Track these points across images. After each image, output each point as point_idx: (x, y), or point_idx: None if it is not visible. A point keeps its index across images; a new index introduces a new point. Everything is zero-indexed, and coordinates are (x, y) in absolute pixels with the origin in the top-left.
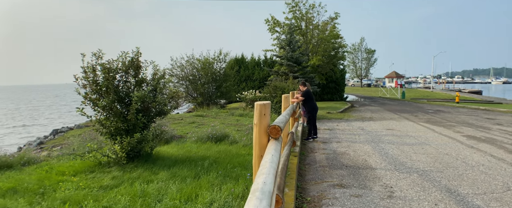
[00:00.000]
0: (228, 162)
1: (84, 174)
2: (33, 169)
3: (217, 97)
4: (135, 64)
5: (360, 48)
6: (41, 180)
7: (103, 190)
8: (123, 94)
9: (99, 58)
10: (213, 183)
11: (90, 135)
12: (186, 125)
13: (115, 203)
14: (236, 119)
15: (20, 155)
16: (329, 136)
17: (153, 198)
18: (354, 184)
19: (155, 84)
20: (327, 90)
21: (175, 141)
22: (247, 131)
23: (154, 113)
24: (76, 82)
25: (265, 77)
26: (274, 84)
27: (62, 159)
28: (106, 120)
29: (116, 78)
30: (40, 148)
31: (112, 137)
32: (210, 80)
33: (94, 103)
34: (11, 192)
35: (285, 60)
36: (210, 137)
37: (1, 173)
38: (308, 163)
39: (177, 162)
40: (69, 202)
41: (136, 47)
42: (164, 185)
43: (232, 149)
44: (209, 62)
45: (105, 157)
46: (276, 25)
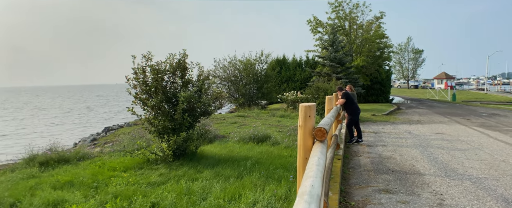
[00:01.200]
0: (270, 163)
1: (133, 170)
2: (87, 164)
3: (258, 98)
4: (182, 65)
5: (406, 48)
6: (94, 175)
7: (151, 186)
8: (171, 94)
9: (148, 60)
10: (256, 184)
11: (139, 133)
12: (228, 125)
13: (162, 199)
14: (277, 120)
15: (76, 151)
16: (374, 139)
17: (198, 196)
18: (401, 190)
19: (200, 85)
20: (371, 91)
21: (218, 141)
22: (288, 132)
23: (199, 113)
24: (127, 82)
25: (307, 78)
26: (317, 85)
27: (113, 156)
28: (155, 119)
29: (164, 79)
30: (93, 145)
31: (160, 136)
32: (251, 81)
33: (143, 103)
34: (68, 185)
35: (328, 60)
36: (252, 137)
37: (60, 167)
38: (352, 167)
39: (220, 162)
40: (120, 197)
41: (183, 49)
42: (208, 184)
43: (274, 150)
44: (251, 63)
45: (153, 155)
46: (319, 26)
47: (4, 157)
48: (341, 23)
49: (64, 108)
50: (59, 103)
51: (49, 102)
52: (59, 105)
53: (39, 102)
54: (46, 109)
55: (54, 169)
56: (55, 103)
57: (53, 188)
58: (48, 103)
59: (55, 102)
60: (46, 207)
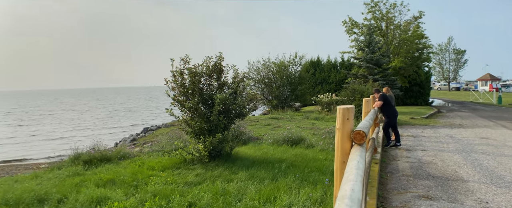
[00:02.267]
0: (305, 166)
1: (171, 170)
2: (128, 163)
3: (292, 100)
4: (218, 68)
5: (447, 48)
6: (134, 174)
7: (188, 186)
8: (207, 96)
9: (186, 63)
10: (290, 186)
11: (176, 133)
12: (262, 127)
13: (199, 199)
14: (312, 123)
15: (117, 150)
16: (413, 143)
17: (233, 197)
18: (443, 196)
19: (235, 87)
20: (410, 94)
21: (252, 143)
22: (323, 135)
23: (233, 115)
24: (166, 84)
25: (342, 80)
26: (353, 87)
27: (152, 155)
28: (192, 120)
29: (201, 81)
30: (133, 145)
31: (196, 136)
32: (285, 83)
33: (181, 104)
34: (110, 183)
35: (364, 62)
36: (286, 140)
37: (102, 165)
38: (390, 171)
39: (254, 163)
40: (159, 195)
41: (219, 52)
42: (243, 185)
43: (308, 153)
44: (285, 65)
45: (189, 155)
46: (354, 26)
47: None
48: (377, 24)
49: (106, 109)
50: (102, 104)
51: (93, 103)
52: (101, 106)
53: (84, 104)
54: (90, 110)
55: (97, 168)
56: (99, 104)
57: (96, 185)
58: (92, 105)
59: (99, 103)
60: (90, 203)
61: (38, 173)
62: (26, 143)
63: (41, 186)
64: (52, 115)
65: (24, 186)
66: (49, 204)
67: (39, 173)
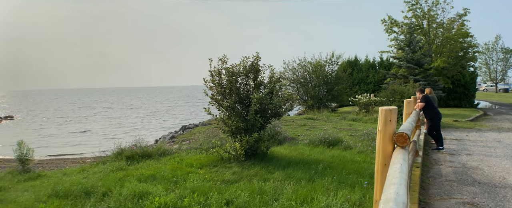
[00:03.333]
0: (342, 168)
1: (208, 168)
2: (167, 159)
3: (328, 100)
4: (255, 68)
5: (495, 47)
6: (173, 170)
7: (225, 184)
8: (244, 95)
9: (224, 63)
10: (328, 188)
11: (213, 132)
12: (297, 127)
13: (236, 197)
14: (349, 124)
15: (157, 147)
16: (457, 147)
17: (270, 197)
18: (490, 204)
19: (271, 87)
20: (453, 95)
21: (288, 143)
22: (361, 137)
23: (269, 114)
24: (205, 84)
25: (381, 80)
26: (392, 88)
27: (190, 153)
28: (229, 119)
29: (238, 81)
30: (172, 142)
31: (233, 135)
32: (321, 83)
33: (219, 103)
34: (151, 179)
35: (404, 62)
36: (323, 140)
37: (143, 161)
38: (432, 176)
39: (290, 164)
40: (197, 192)
41: (256, 52)
42: (280, 185)
43: (346, 154)
44: (321, 65)
45: (226, 153)
46: (394, 25)
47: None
48: (418, 22)
49: (146, 108)
50: (142, 103)
51: (134, 102)
52: (141, 104)
53: (124, 102)
54: (133, 108)
55: (139, 163)
56: (139, 103)
57: (138, 180)
58: (132, 103)
59: (139, 102)
60: (133, 197)
61: (84, 167)
62: (72, 138)
63: (87, 180)
64: (95, 115)
65: (72, 179)
66: (95, 196)
67: (85, 167)
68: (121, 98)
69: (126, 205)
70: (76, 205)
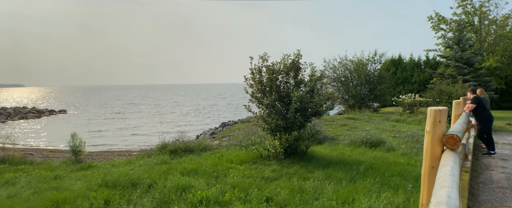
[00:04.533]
0: (385, 170)
1: (248, 164)
2: (208, 155)
3: (370, 100)
4: (296, 65)
5: None
6: (214, 165)
7: (264, 181)
8: (284, 93)
9: (265, 61)
10: (370, 190)
11: (252, 129)
12: (337, 127)
13: (276, 194)
14: (392, 125)
15: (199, 142)
16: (510, 152)
17: (310, 196)
18: None
19: (312, 85)
20: (507, 97)
21: (328, 142)
22: (405, 138)
23: (310, 113)
24: (245, 81)
25: (426, 79)
26: (439, 88)
27: (230, 149)
28: (268, 117)
29: (278, 79)
30: (212, 138)
31: (273, 133)
32: (363, 82)
33: (259, 101)
34: (193, 173)
35: (453, 61)
36: (364, 141)
37: (186, 155)
38: (482, 182)
39: (331, 163)
40: (238, 188)
41: (297, 49)
42: (320, 184)
43: (389, 156)
44: (363, 63)
45: (265, 151)
46: (441, 22)
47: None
48: (468, 19)
49: (188, 104)
50: (184, 100)
51: (176, 99)
52: (183, 101)
53: (168, 99)
54: (176, 105)
55: (181, 157)
56: (181, 99)
57: (181, 174)
58: (177, 100)
59: (181, 99)
60: (176, 190)
61: (130, 160)
62: (119, 132)
63: (133, 171)
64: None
65: (119, 170)
66: (141, 188)
67: (131, 160)
68: (166, 95)
69: (170, 197)
70: (123, 195)
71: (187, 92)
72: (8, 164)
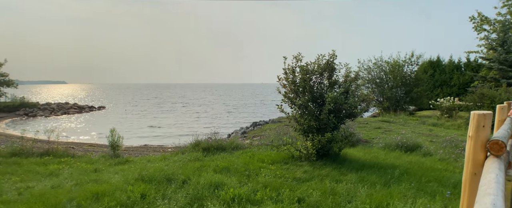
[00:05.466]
0: (421, 175)
1: (279, 164)
2: (240, 153)
3: (406, 103)
4: (330, 66)
5: None
6: (246, 164)
7: (296, 181)
8: (317, 94)
9: (298, 61)
10: (405, 195)
11: (283, 129)
12: (371, 129)
13: (308, 195)
14: (429, 129)
15: (230, 141)
16: None
17: (343, 198)
18: None
19: (347, 86)
20: None
21: (361, 145)
22: (443, 143)
23: (344, 115)
24: (278, 81)
25: (467, 83)
26: (481, 92)
27: (261, 148)
28: (301, 118)
29: (312, 79)
30: (243, 137)
31: (305, 134)
32: (399, 84)
33: (291, 102)
34: (225, 170)
35: (496, 63)
36: (400, 145)
37: (218, 153)
38: None
39: (364, 166)
40: (269, 187)
41: (332, 50)
42: (353, 187)
43: (425, 161)
44: (399, 65)
45: (297, 152)
46: (484, 23)
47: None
48: None
49: (220, 103)
50: (215, 99)
51: (209, 98)
52: (215, 100)
53: (200, 98)
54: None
55: (214, 155)
56: (213, 99)
57: (214, 171)
58: (209, 98)
59: (213, 98)
60: (209, 187)
61: (165, 156)
62: (154, 128)
63: (168, 167)
64: (175, 110)
65: (155, 165)
66: (175, 183)
67: (166, 156)
68: (199, 94)
69: (203, 194)
70: (159, 190)
71: (219, 91)
72: (52, 156)
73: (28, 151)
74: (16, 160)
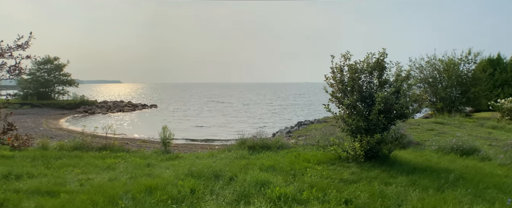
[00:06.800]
0: (478, 181)
1: (326, 165)
2: (285, 153)
3: (462, 104)
4: (380, 65)
5: None
6: (291, 163)
7: (343, 182)
8: (366, 94)
9: (347, 59)
10: (460, 201)
11: (329, 130)
12: (423, 131)
13: (355, 197)
14: (488, 132)
15: (276, 140)
16: None
17: (392, 201)
18: None
19: (398, 85)
20: None
21: (412, 147)
22: (504, 147)
23: (394, 115)
24: (326, 81)
25: None
26: None
27: (306, 148)
28: (349, 118)
29: (361, 78)
30: (288, 136)
31: (353, 135)
32: (454, 83)
33: (339, 101)
34: (270, 169)
35: None
36: (455, 148)
37: (263, 152)
38: None
39: (415, 170)
40: (316, 187)
41: (382, 48)
42: (403, 191)
43: (483, 166)
44: (454, 63)
45: (344, 153)
46: None
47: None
48: None
49: (264, 102)
50: (260, 98)
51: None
52: (260, 100)
53: (247, 98)
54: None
55: (259, 154)
56: (258, 98)
57: (260, 169)
58: (255, 98)
59: (258, 97)
60: (256, 184)
61: (213, 153)
62: (201, 126)
63: (216, 164)
64: (222, 109)
65: (203, 162)
66: (223, 180)
67: (213, 153)
68: (245, 93)
69: (249, 191)
70: (207, 185)
71: (265, 90)
72: (109, 151)
73: (88, 145)
74: (77, 153)
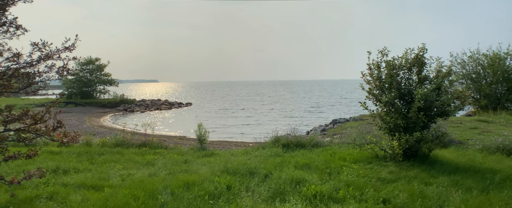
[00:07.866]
0: None
1: (362, 164)
2: (320, 151)
3: (508, 101)
4: (420, 60)
5: None
6: (327, 162)
7: (380, 182)
8: (405, 91)
9: (384, 55)
10: (507, 203)
11: (365, 128)
12: (466, 130)
13: (394, 197)
14: None
15: (310, 138)
16: None
17: (433, 202)
18: None
19: (439, 82)
20: None
21: (454, 146)
22: None
23: (435, 113)
24: (362, 77)
25: None
26: None
27: (342, 147)
28: (386, 116)
29: (399, 75)
30: (323, 134)
31: (390, 133)
32: (499, 79)
33: (376, 98)
34: (305, 167)
35: None
36: (501, 147)
37: (297, 150)
38: None
39: (458, 170)
40: (352, 186)
41: (421, 43)
42: (445, 191)
43: None
44: (500, 58)
45: (382, 151)
46: None
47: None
48: None
49: (298, 100)
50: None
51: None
52: (293, 97)
53: (280, 95)
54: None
55: (294, 152)
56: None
57: (294, 167)
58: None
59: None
60: (291, 182)
61: (247, 150)
62: (236, 123)
63: (251, 161)
64: (254, 106)
65: (238, 159)
66: (258, 177)
67: (248, 150)
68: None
69: (285, 188)
70: (243, 182)
71: (298, 88)
72: (148, 147)
73: (128, 142)
74: (119, 150)
